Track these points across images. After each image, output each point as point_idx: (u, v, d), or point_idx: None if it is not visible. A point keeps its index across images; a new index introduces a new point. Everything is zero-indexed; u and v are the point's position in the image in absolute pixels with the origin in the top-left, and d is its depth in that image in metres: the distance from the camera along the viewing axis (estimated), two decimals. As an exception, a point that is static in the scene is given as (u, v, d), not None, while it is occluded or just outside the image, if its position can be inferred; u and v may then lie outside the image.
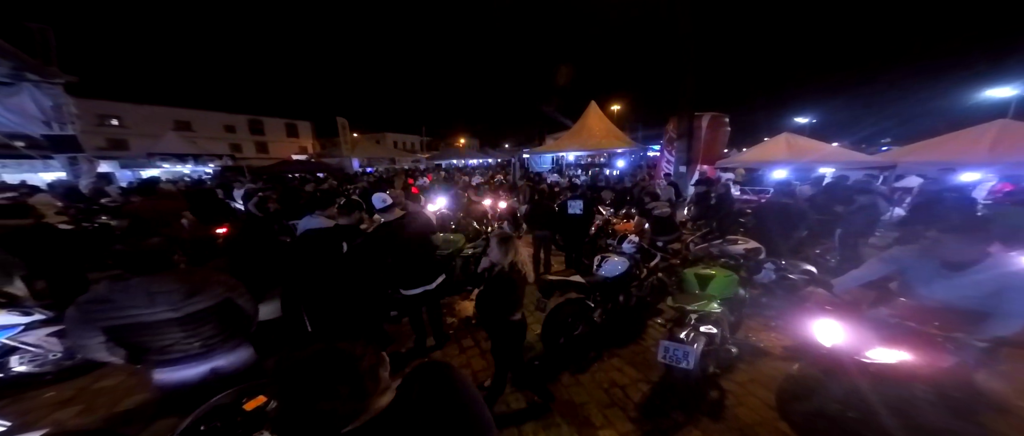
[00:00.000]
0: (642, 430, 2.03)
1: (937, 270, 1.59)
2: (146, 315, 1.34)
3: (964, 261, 1.51)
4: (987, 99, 17.43)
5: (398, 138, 41.05)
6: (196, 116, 26.90)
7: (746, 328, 3.03)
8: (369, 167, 18.80)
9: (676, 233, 4.21)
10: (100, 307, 1.32)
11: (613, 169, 13.47)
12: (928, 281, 1.62)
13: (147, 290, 1.34)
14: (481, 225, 5.23)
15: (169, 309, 1.36)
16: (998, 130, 6.01)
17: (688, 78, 8.15)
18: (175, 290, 1.38)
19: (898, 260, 1.76)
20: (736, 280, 2.57)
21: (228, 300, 1.53)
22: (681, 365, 1.92)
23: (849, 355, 1.53)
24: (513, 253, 1.97)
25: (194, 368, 1.45)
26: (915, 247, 1.75)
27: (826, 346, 1.59)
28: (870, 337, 1.50)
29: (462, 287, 4.20)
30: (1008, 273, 1.45)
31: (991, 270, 1.46)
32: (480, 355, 2.96)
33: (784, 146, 8.39)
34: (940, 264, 1.58)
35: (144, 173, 13.13)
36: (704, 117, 9.18)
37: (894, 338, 1.47)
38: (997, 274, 1.45)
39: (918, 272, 1.67)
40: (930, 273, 1.62)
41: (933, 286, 1.61)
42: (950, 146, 6.53)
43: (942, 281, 1.57)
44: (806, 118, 30.91)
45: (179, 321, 1.39)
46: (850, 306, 1.72)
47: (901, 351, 1.42)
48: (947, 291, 1.57)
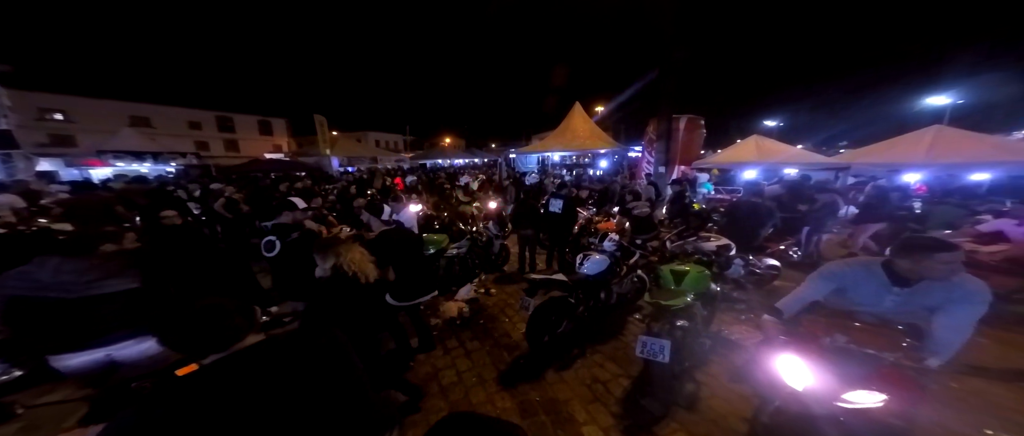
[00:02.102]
0: (622, 424, 2.10)
1: (884, 285, 1.57)
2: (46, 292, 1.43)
3: (911, 278, 1.51)
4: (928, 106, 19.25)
5: (381, 137, 39.98)
6: (156, 112, 25.06)
7: (719, 321, 3.19)
8: (350, 166, 18.19)
9: (655, 231, 4.36)
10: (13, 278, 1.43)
11: (597, 169, 13.74)
12: (875, 297, 1.61)
13: (57, 268, 1.45)
14: (467, 226, 5.20)
15: (65, 292, 1.45)
16: (934, 135, 6.64)
17: (669, 80, 8.44)
18: (82, 271, 1.47)
19: (840, 276, 1.69)
20: (708, 275, 2.70)
21: (137, 290, 1.57)
22: (658, 359, 2.00)
23: (826, 400, 1.40)
24: (334, 258, 1.73)
25: (89, 355, 1.50)
26: (857, 262, 1.72)
27: (797, 389, 1.47)
28: (842, 376, 1.38)
29: (446, 287, 4.17)
30: (951, 286, 1.46)
31: (943, 284, 1.47)
32: (465, 355, 2.95)
33: (754, 148, 8.86)
34: (887, 280, 1.56)
35: (94, 172, 12.11)
36: (681, 119, 9.56)
37: (867, 376, 1.36)
38: (941, 287, 1.47)
39: (863, 288, 1.63)
40: (877, 288, 1.59)
41: (881, 302, 1.59)
42: (895, 149, 7.14)
43: (890, 297, 1.57)
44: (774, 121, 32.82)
45: (74, 304, 1.46)
46: (807, 337, 1.57)
47: (878, 391, 1.33)
48: (895, 306, 1.57)
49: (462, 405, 2.36)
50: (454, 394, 2.47)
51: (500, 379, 2.61)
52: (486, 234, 4.94)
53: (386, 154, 26.33)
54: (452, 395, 2.46)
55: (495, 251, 4.98)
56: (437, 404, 2.38)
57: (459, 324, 3.45)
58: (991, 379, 2.37)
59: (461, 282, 4.24)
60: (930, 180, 7.31)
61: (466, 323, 3.47)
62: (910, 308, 1.56)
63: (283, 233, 2.37)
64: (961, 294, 1.47)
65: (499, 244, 5.02)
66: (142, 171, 13.12)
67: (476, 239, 4.75)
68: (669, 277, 2.67)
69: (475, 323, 3.49)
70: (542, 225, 4.70)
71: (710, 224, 4.72)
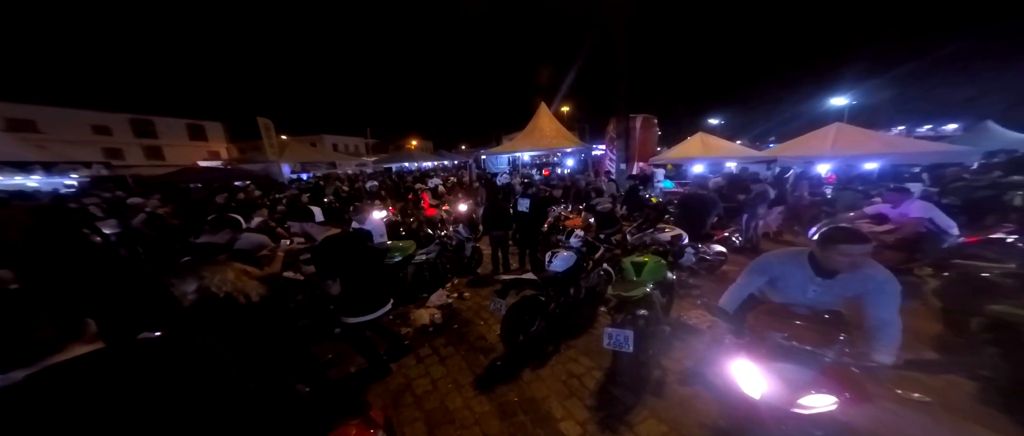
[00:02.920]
0: (597, 417, 2.18)
1: (809, 277, 1.62)
2: None
3: (831, 269, 1.55)
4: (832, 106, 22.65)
5: (339, 140, 37.43)
6: (44, 114, 20.96)
7: (677, 307, 3.46)
8: (305, 173, 16.75)
9: (617, 226, 4.60)
10: None
11: (564, 167, 14.15)
12: (800, 288, 1.66)
13: None
14: (435, 230, 5.07)
15: None
16: (836, 131, 7.86)
17: (622, 83, 8.97)
18: None
19: (770, 267, 1.76)
20: (665, 264, 2.91)
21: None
22: (623, 349, 2.12)
23: (782, 407, 1.38)
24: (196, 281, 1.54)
25: None
26: (786, 253, 1.76)
27: (754, 398, 1.44)
28: (791, 381, 1.37)
29: (415, 295, 4.03)
30: (863, 277, 1.52)
31: (856, 275, 1.53)
32: (439, 362, 2.88)
33: (700, 144, 9.75)
34: (812, 271, 1.61)
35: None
36: (637, 118, 10.21)
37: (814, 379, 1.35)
38: (854, 278, 1.53)
39: (790, 279, 1.69)
40: (803, 280, 1.65)
41: (807, 292, 1.65)
42: (808, 143, 8.32)
43: (812, 287, 1.63)
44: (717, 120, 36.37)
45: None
46: (754, 337, 1.56)
47: (827, 393, 1.32)
48: (818, 296, 1.63)
49: (438, 413, 2.30)
50: (429, 402, 2.41)
51: (477, 383, 2.59)
52: (456, 237, 4.86)
53: (346, 158, 24.69)
54: (427, 404, 2.39)
55: (467, 254, 4.91)
56: (412, 414, 2.30)
57: (432, 331, 3.36)
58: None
59: (432, 288, 4.13)
60: (837, 169, 8.60)
61: (439, 330, 3.39)
62: (830, 298, 1.62)
63: (207, 254, 2.07)
64: (874, 286, 1.52)
65: (471, 247, 4.96)
66: (29, 184, 10.89)
67: (446, 243, 4.65)
68: (630, 269, 2.84)
69: (449, 329, 3.42)
70: (512, 225, 4.74)
71: (667, 216, 5.11)
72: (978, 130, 12.38)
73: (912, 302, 3.17)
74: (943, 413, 2.06)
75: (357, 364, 2.83)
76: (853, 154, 7.48)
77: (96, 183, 11.92)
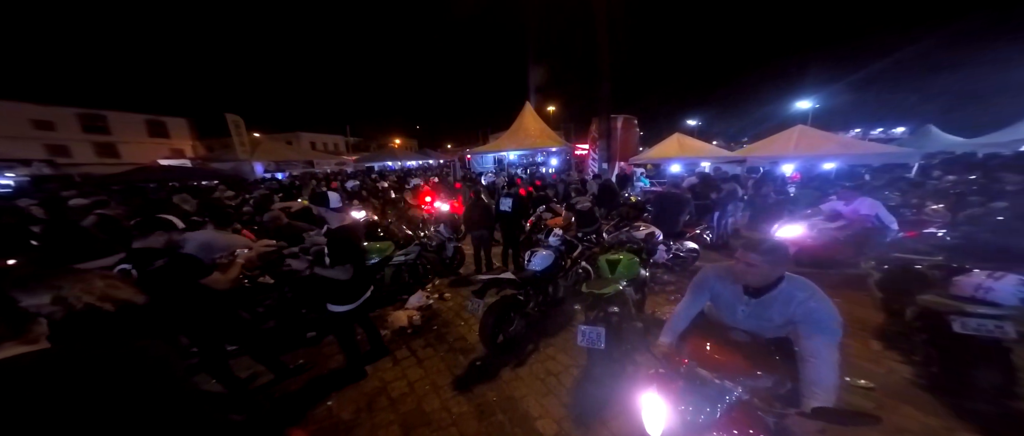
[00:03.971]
0: (573, 414, 2.21)
1: (738, 295, 1.47)
2: None
3: (761, 286, 1.39)
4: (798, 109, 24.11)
5: (317, 138, 35.96)
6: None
7: (651, 303, 3.57)
8: (280, 172, 15.99)
9: (596, 224, 4.69)
10: None
11: (548, 167, 14.27)
12: (731, 307, 1.51)
13: None
14: (415, 230, 4.98)
15: None
16: (799, 133, 8.40)
17: (604, 83, 9.15)
18: None
19: (706, 284, 1.59)
20: (638, 262, 3.00)
21: None
22: (596, 346, 2.17)
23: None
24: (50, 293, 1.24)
25: None
26: (722, 267, 1.57)
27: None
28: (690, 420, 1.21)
29: (393, 297, 3.95)
30: (788, 300, 1.35)
31: (780, 295, 1.37)
32: (417, 364, 2.84)
33: (677, 145, 10.12)
34: (741, 289, 1.46)
35: None
36: (618, 119, 10.45)
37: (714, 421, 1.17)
38: (786, 298, 1.35)
39: (724, 297, 1.53)
40: (733, 298, 1.49)
41: (736, 313, 1.49)
42: (773, 144, 8.84)
43: (743, 307, 1.47)
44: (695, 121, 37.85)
45: None
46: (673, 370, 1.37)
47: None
48: (744, 318, 1.47)
49: (413, 415, 2.27)
50: (405, 405, 2.37)
51: (455, 384, 2.57)
52: (437, 238, 4.79)
53: (324, 157, 23.71)
54: (402, 407, 2.35)
55: (448, 254, 4.86)
56: (386, 418, 2.25)
57: (410, 333, 3.31)
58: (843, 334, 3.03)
59: (412, 290, 4.06)
60: (801, 168, 9.18)
61: (418, 331, 3.34)
62: (757, 322, 1.44)
63: (142, 260, 1.89)
64: (802, 311, 1.30)
65: (452, 247, 4.91)
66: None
67: (426, 244, 4.58)
68: (605, 266, 2.91)
69: (428, 330, 3.37)
70: (495, 224, 4.73)
71: (645, 214, 5.27)
72: (921, 134, 13.60)
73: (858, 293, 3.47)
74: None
75: (330, 367, 2.76)
76: (813, 155, 8.01)
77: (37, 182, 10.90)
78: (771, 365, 1.37)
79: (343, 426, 2.18)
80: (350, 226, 2.46)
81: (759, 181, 6.09)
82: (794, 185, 7.89)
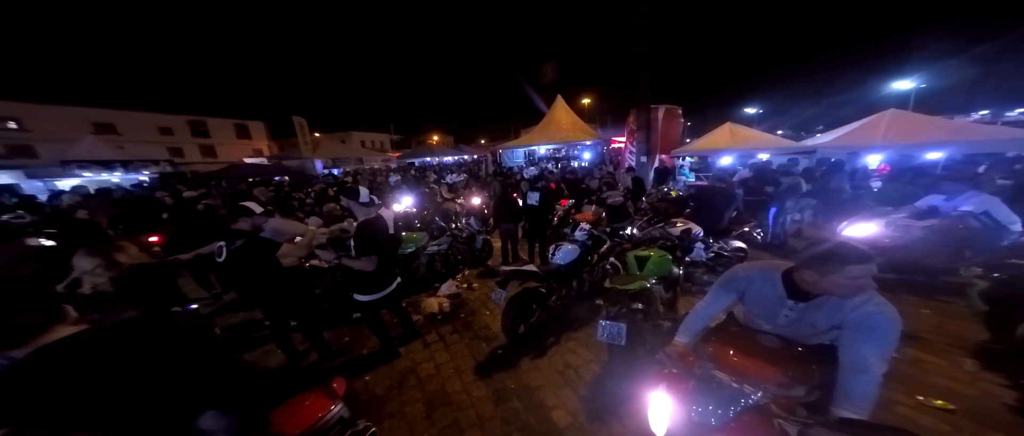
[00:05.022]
0: (588, 407, 2.20)
1: (780, 298, 1.34)
2: None
3: (811, 292, 1.27)
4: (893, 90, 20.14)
5: (366, 137, 39.17)
6: (122, 117, 23.88)
7: (684, 304, 3.35)
8: (335, 168, 17.83)
9: (628, 219, 4.51)
10: None
11: (580, 161, 13.89)
12: (770, 310, 1.38)
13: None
14: (448, 223, 5.25)
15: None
16: (889, 118, 7.02)
17: (644, 73, 8.59)
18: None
19: (737, 284, 1.48)
20: (670, 259, 2.84)
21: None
22: (616, 342, 2.12)
23: None
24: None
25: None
26: (758, 267, 1.46)
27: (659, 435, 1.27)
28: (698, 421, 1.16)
29: (427, 284, 4.23)
30: (845, 306, 1.21)
31: (830, 300, 1.25)
32: (444, 348, 3.03)
33: (728, 135, 9.15)
34: (783, 291, 1.34)
35: (61, 183, 11.54)
36: (659, 109, 9.77)
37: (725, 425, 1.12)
38: (836, 304, 1.23)
39: (760, 299, 1.41)
40: (773, 301, 1.37)
41: (777, 317, 1.37)
42: (855, 133, 7.50)
43: (784, 311, 1.35)
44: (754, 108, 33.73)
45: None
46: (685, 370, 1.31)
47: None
48: (791, 323, 1.35)
49: (438, 396, 2.44)
50: (431, 385, 2.56)
51: (477, 369, 2.70)
52: (467, 230, 5.00)
53: (372, 154, 25.91)
54: (429, 386, 2.55)
55: (478, 246, 5.05)
56: (413, 395, 2.46)
57: (440, 319, 3.52)
58: (926, 348, 2.56)
59: (443, 278, 4.32)
60: (893, 160, 7.70)
61: (447, 318, 3.55)
62: (801, 327, 1.33)
63: (230, 240, 2.38)
64: (857, 317, 1.18)
65: (482, 239, 5.09)
66: (113, 180, 12.58)
67: (457, 235, 4.81)
68: (634, 263, 2.80)
69: (456, 317, 3.56)
70: (522, 218, 4.80)
71: (687, 210, 4.91)
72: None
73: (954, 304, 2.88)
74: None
75: (369, 348, 3.07)
76: (908, 143, 6.66)
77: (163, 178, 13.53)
78: (804, 373, 1.25)
79: (376, 400, 2.42)
80: (376, 219, 2.61)
81: (827, 173, 5.24)
82: (880, 179, 6.66)
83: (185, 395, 0.99)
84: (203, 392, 1.02)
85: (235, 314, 3.88)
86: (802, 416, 1.06)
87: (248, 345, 3.22)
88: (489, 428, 2.12)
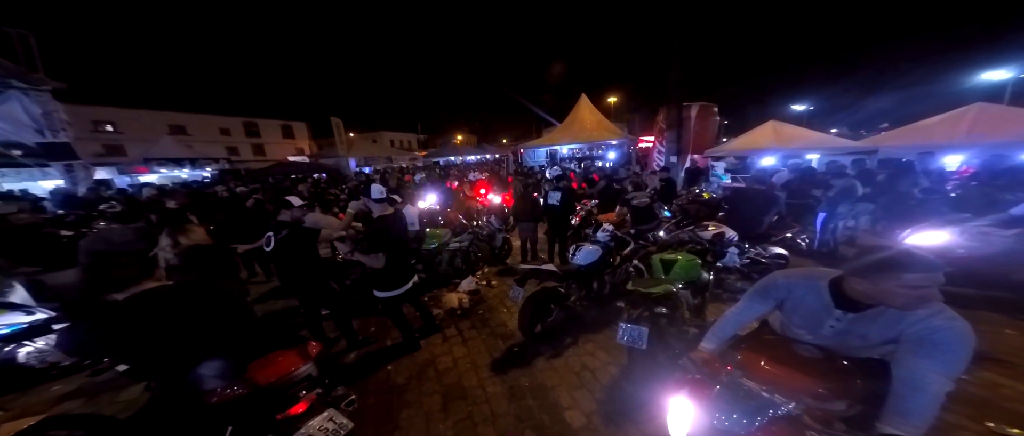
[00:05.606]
0: (604, 410, 2.15)
1: (827, 308, 1.24)
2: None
3: (862, 302, 1.16)
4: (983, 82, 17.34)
5: (394, 136, 40.96)
6: (191, 120, 26.86)
7: (714, 311, 3.15)
8: (367, 167, 18.82)
9: (655, 221, 4.31)
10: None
11: (605, 161, 13.51)
12: (813, 320, 1.28)
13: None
14: (469, 220, 5.35)
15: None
16: (976, 113, 6.08)
17: (675, 69, 8.18)
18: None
19: (775, 291, 1.38)
20: (699, 264, 2.68)
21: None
22: (637, 345, 2.04)
23: None
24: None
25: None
26: (801, 274, 1.37)
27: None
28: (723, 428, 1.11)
29: (448, 280, 4.33)
30: (906, 318, 1.08)
31: (888, 312, 1.13)
32: (462, 343, 3.09)
33: (771, 133, 8.45)
34: (830, 301, 1.23)
35: (142, 179, 13.23)
36: (693, 107, 9.25)
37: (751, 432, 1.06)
38: (894, 317, 1.11)
39: (802, 308, 1.31)
40: (817, 310, 1.26)
41: (822, 327, 1.26)
42: (931, 129, 6.59)
43: (832, 322, 1.24)
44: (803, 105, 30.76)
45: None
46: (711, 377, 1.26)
47: None
48: (832, 335, 1.25)
49: (454, 389, 2.49)
50: (448, 378, 2.62)
51: (493, 365, 2.72)
52: (487, 228, 5.06)
53: (400, 153, 26.94)
54: (446, 379, 2.61)
55: (497, 244, 5.09)
56: (431, 387, 2.53)
57: (459, 314, 3.59)
58: (1007, 371, 2.24)
59: (464, 275, 4.40)
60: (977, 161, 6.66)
61: (466, 313, 3.61)
62: (848, 340, 1.22)
63: (277, 230, 2.64)
64: (920, 330, 1.05)
65: (501, 237, 5.12)
66: (182, 176, 14.24)
67: (478, 233, 4.88)
68: (659, 265, 2.68)
69: (474, 313, 3.62)
70: (542, 217, 4.77)
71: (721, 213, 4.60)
72: None
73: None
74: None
75: (393, 339, 3.19)
76: (997, 141, 5.73)
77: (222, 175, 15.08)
78: (847, 387, 1.14)
79: (397, 389, 2.51)
80: (388, 217, 2.71)
81: (894, 175, 4.65)
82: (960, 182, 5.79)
83: (208, 341, 1.31)
84: (220, 340, 1.34)
85: (276, 301, 4.22)
86: (841, 430, 1.00)
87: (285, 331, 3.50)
88: (502, 424, 2.13)
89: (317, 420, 1.48)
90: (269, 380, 1.46)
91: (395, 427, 2.16)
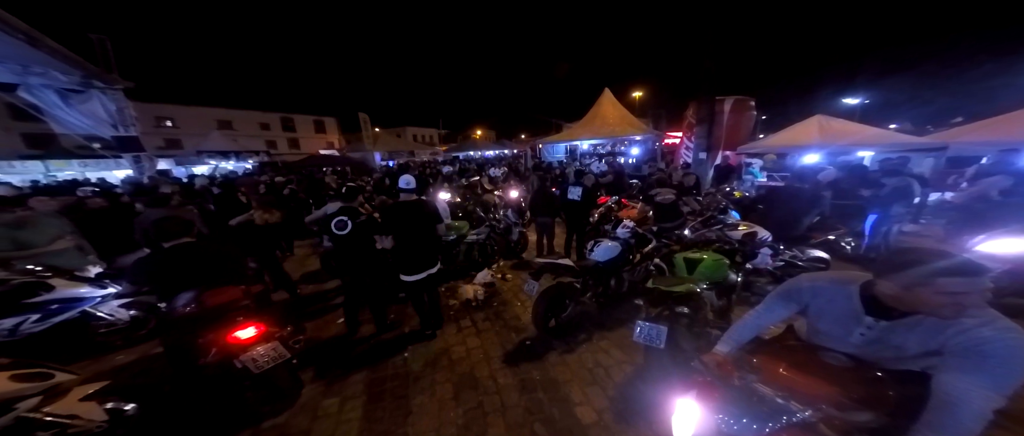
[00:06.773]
0: (615, 408, 2.09)
1: (856, 314, 1.13)
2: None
3: (896, 308, 1.05)
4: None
5: (417, 131, 41.96)
6: (236, 115, 28.98)
7: (738, 313, 2.95)
8: (390, 160, 19.44)
9: (680, 219, 4.11)
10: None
11: (628, 157, 13.05)
12: (842, 327, 1.18)
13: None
14: (487, 213, 5.37)
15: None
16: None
17: (707, 61, 7.69)
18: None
19: (800, 295, 1.29)
20: (726, 264, 2.52)
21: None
22: (654, 344, 1.95)
23: None
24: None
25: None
26: (829, 277, 1.28)
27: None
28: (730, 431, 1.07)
29: (465, 271, 4.39)
30: (949, 329, 0.96)
31: (926, 321, 1.01)
32: (476, 334, 3.12)
33: (816, 129, 7.75)
34: (860, 307, 1.13)
35: (196, 169, 14.49)
36: (727, 101, 8.68)
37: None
38: (935, 326, 0.99)
39: (829, 313, 1.21)
40: (846, 317, 1.16)
41: (851, 335, 1.16)
42: (1012, 123, 5.74)
43: (862, 330, 1.13)
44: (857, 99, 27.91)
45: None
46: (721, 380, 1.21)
47: None
48: (862, 343, 1.14)
49: (466, 378, 2.52)
50: (461, 368, 2.65)
51: (505, 357, 2.73)
52: (504, 221, 5.05)
53: (422, 148, 27.58)
54: (458, 369, 2.64)
55: (514, 238, 5.08)
56: (444, 376, 2.58)
57: (474, 306, 3.63)
58: None
59: (480, 267, 4.43)
60: None
61: (481, 305, 3.64)
62: (881, 350, 1.11)
63: (353, 216, 2.85)
64: (963, 342, 0.93)
65: (517, 231, 5.11)
66: (228, 167, 15.47)
67: (494, 226, 4.89)
68: (682, 265, 2.55)
69: (489, 306, 3.64)
70: (560, 212, 4.69)
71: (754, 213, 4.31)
72: None
73: None
74: None
75: (411, 326, 3.26)
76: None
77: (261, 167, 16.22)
78: (876, 398, 1.04)
79: (412, 376, 2.58)
80: (402, 204, 2.85)
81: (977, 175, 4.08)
82: None
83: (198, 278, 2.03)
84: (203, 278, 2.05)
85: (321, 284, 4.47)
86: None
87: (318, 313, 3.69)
88: (512, 415, 2.13)
89: (263, 348, 2.02)
90: (214, 303, 2.03)
91: (408, 412, 2.22)
